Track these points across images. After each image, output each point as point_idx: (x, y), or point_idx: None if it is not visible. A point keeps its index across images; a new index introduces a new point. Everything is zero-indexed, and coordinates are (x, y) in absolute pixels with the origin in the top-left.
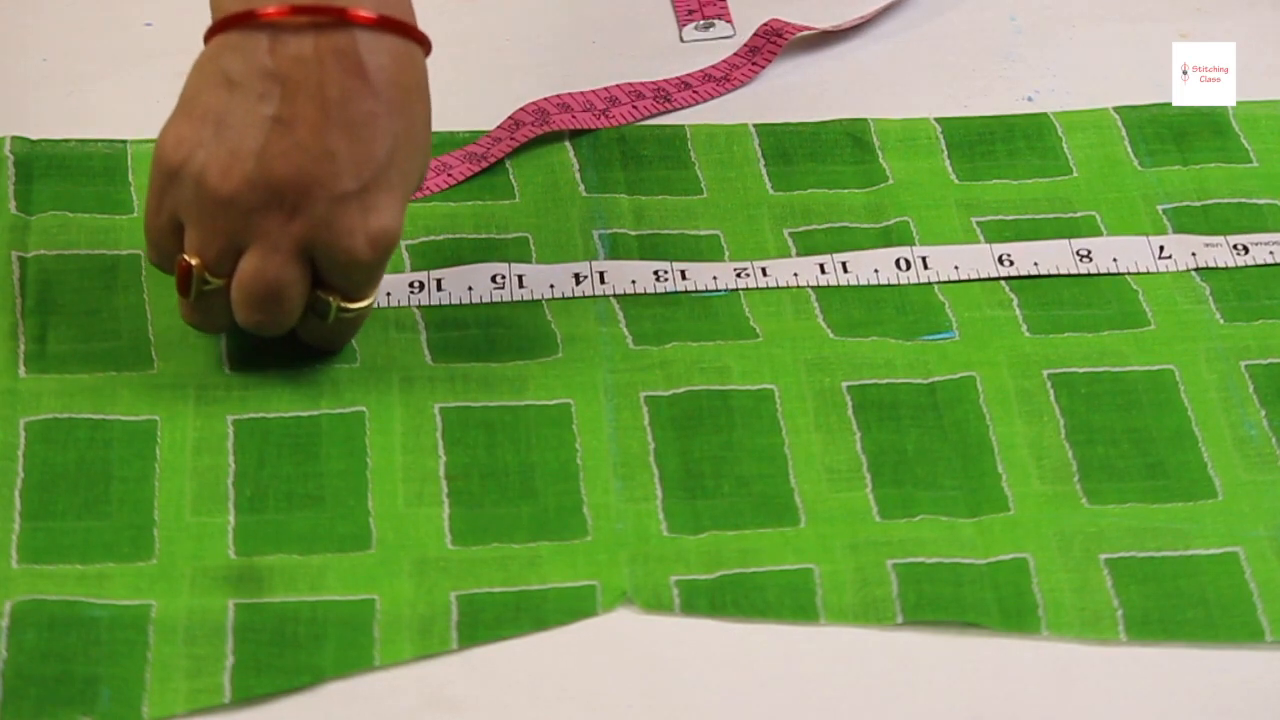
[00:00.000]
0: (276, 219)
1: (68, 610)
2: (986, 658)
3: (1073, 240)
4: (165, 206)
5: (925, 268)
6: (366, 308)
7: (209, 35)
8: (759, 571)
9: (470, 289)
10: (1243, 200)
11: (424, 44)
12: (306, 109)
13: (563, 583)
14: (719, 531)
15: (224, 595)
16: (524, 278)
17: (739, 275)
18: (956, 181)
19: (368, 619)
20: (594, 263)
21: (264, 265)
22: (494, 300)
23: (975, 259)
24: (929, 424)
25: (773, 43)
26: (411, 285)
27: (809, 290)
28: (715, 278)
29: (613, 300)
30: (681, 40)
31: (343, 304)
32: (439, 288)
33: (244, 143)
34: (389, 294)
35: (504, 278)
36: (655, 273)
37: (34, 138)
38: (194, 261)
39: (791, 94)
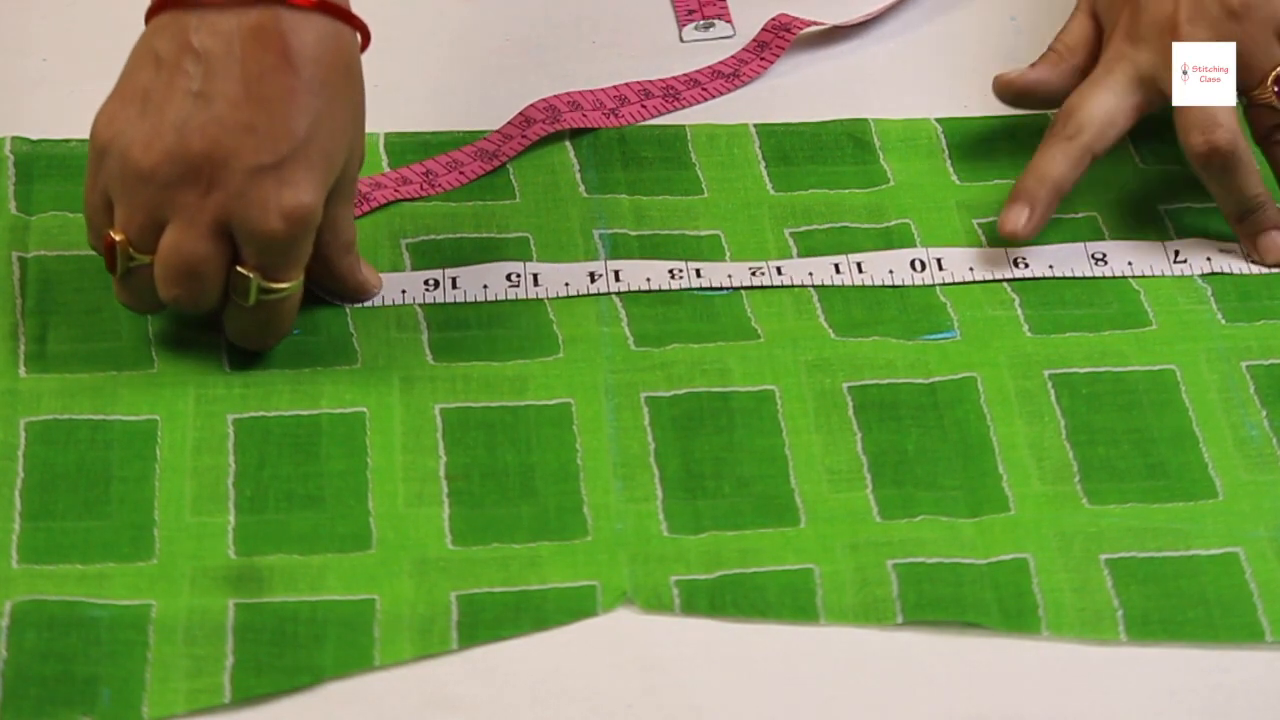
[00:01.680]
0: (194, 193)
1: (68, 610)
2: (986, 658)
3: (1088, 244)
4: (98, 185)
5: (940, 269)
6: (290, 294)
7: (147, 18)
8: (759, 571)
9: (485, 287)
10: None
11: (360, 30)
12: (226, 84)
13: (563, 583)
14: (719, 532)
15: (224, 595)
16: (539, 276)
17: (754, 274)
18: (957, 182)
19: (368, 619)
20: (609, 261)
21: (181, 239)
22: (510, 298)
23: (990, 261)
24: (929, 424)
25: (781, 38)
26: (426, 283)
27: (811, 290)
28: (730, 275)
29: (615, 300)
30: (681, 40)
31: (264, 283)
32: (454, 285)
33: (165, 118)
34: (404, 291)
35: (519, 276)
36: (670, 271)
37: (34, 138)
38: (119, 238)
39: (792, 94)
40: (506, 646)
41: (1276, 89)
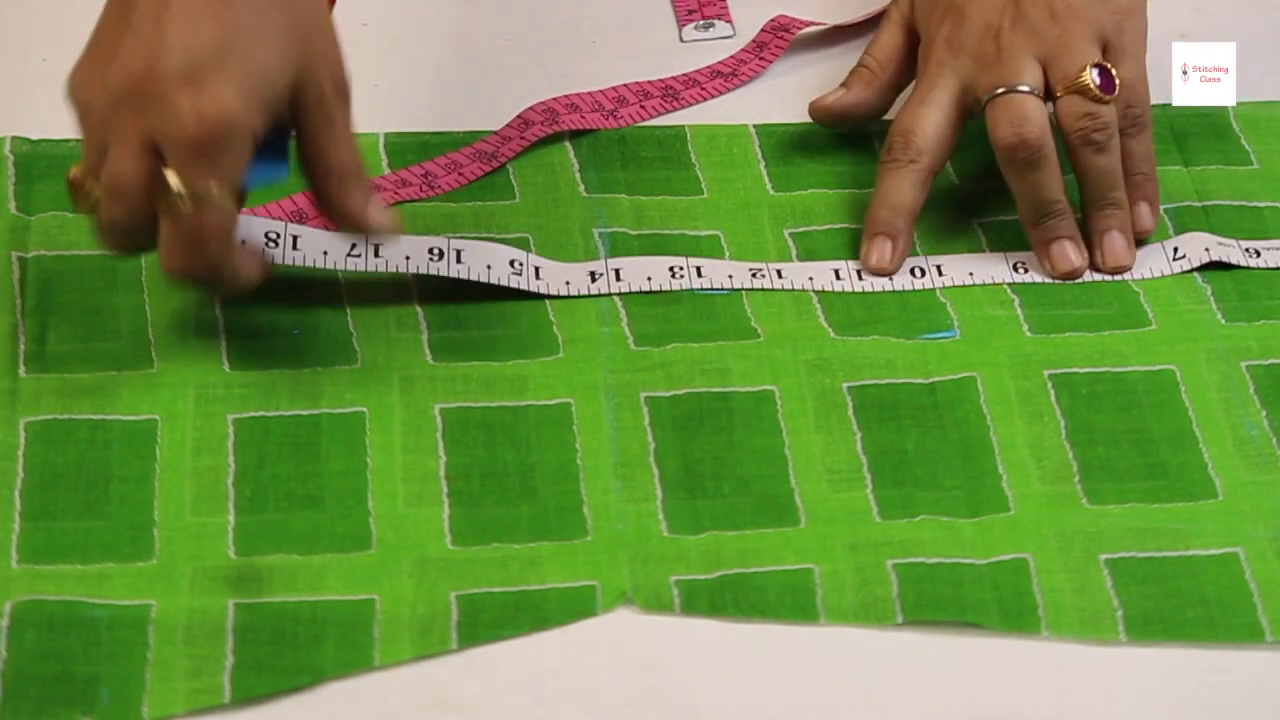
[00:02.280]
0: (128, 116)
1: (68, 610)
2: (986, 658)
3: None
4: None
5: (940, 274)
6: (213, 204)
7: None
8: (759, 571)
9: (489, 267)
10: (1243, 203)
11: None
12: (150, 6)
13: (563, 583)
14: (719, 532)
15: (224, 595)
16: (540, 269)
17: (754, 275)
18: (956, 182)
19: (368, 619)
20: (610, 259)
21: (114, 158)
22: (511, 285)
23: (990, 266)
24: (929, 424)
25: (780, 38)
26: (431, 252)
27: (810, 291)
28: (731, 276)
29: (615, 300)
30: (681, 40)
31: (180, 185)
32: (458, 259)
33: (111, 55)
34: (408, 258)
35: (521, 264)
36: (671, 269)
37: (34, 138)
38: (73, 174)
39: (792, 94)
40: (506, 646)
41: (1095, 78)
